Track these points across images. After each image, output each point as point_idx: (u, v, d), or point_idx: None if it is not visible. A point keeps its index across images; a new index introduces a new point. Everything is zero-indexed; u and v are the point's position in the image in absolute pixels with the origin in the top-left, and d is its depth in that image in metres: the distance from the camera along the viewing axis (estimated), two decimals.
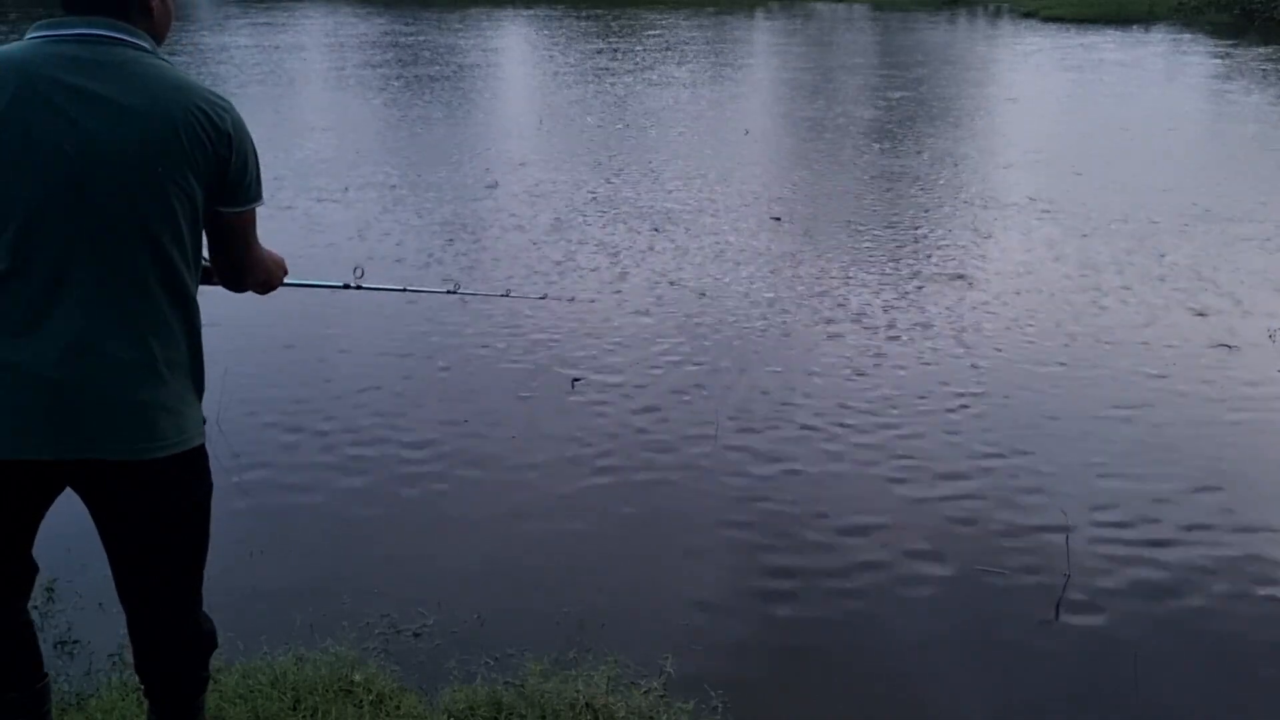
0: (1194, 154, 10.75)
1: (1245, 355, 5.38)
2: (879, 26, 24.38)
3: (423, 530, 3.80)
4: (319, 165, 9.58)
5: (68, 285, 1.80)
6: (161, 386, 1.88)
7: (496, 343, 5.45)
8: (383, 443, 4.39)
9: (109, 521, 1.97)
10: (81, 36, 1.82)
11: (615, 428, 4.55)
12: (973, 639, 3.26)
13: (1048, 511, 3.88)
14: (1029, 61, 18.08)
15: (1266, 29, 21.56)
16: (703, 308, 5.96)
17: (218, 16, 24.04)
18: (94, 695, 2.75)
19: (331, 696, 2.71)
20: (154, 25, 1.92)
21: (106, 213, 1.80)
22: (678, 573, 3.56)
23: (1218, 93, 14.73)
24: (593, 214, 7.97)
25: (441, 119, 12.32)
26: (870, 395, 4.88)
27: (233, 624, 2.95)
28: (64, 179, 1.78)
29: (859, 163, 10.03)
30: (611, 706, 2.75)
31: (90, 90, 1.78)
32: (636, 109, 12.82)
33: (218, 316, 2.14)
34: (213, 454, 2.06)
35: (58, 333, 1.79)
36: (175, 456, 1.91)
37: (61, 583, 3.29)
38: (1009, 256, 7.02)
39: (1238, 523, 3.85)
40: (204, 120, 1.84)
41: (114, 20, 1.84)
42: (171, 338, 1.90)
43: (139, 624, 2.08)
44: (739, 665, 3.09)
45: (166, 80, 1.85)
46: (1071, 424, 4.62)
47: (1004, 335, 5.60)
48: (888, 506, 3.95)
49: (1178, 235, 7.48)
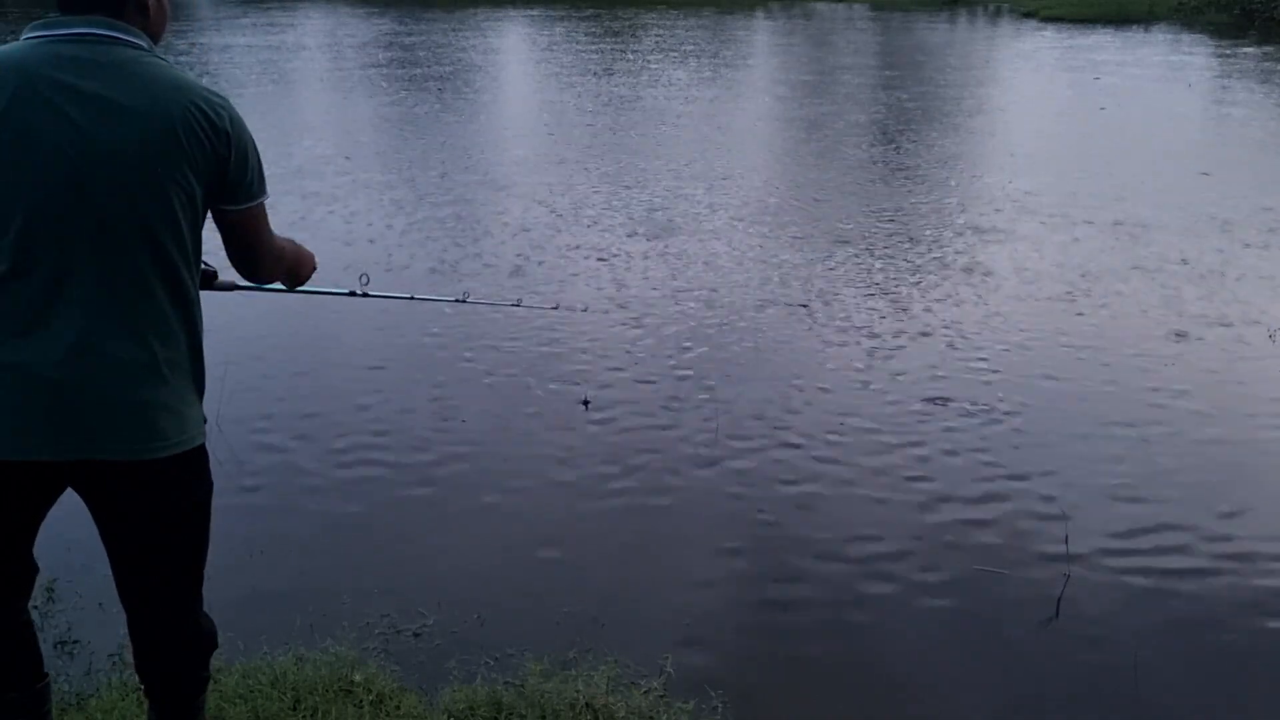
0: (1195, 155, 10.74)
1: (1245, 356, 5.39)
2: (879, 27, 24.39)
3: (423, 531, 3.80)
4: (318, 166, 9.57)
5: (68, 286, 1.80)
6: (163, 386, 1.88)
7: (499, 345, 5.45)
8: (383, 443, 4.39)
9: (110, 522, 1.97)
10: (79, 36, 1.82)
11: (617, 431, 4.55)
12: (973, 639, 3.26)
13: (1048, 512, 3.88)
14: (1029, 62, 18.09)
15: (1266, 29, 21.57)
16: (710, 313, 5.97)
17: (217, 16, 24.05)
18: (94, 695, 2.75)
19: (331, 696, 2.71)
20: (150, 24, 1.92)
21: (107, 213, 1.80)
22: (678, 573, 3.55)
23: (1218, 93, 14.73)
24: (597, 219, 7.97)
25: (442, 119, 12.31)
26: (870, 397, 4.88)
27: (233, 624, 2.95)
28: (64, 179, 1.78)
29: (859, 164, 10.04)
30: (611, 706, 2.75)
31: (89, 90, 1.78)
32: (637, 109, 12.82)
33: (219, 318, 2.14)
34: (213, 454, 2.06)
35: (59, 333, 1.79)
36: (176, 456, 1.91)
37: (61, 583, 3.29)
38: (1010, 259, 7.01)
39: (1238, 523, 3.85)
40: (202, 119, 1.84)
41: (110, 19, 1.84)
42: (172, 337, 1.89)
43: (139, 624, 2.08)
44: (739, 665, 3.09)
45: (165, 79, 1.84)
46: (1072, 425, 4.61)
47: (1004, 338, 5.60)
48: (888, 508, 3.95)
49: (1178, 236, 7.48)
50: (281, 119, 12.13)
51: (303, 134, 11.12)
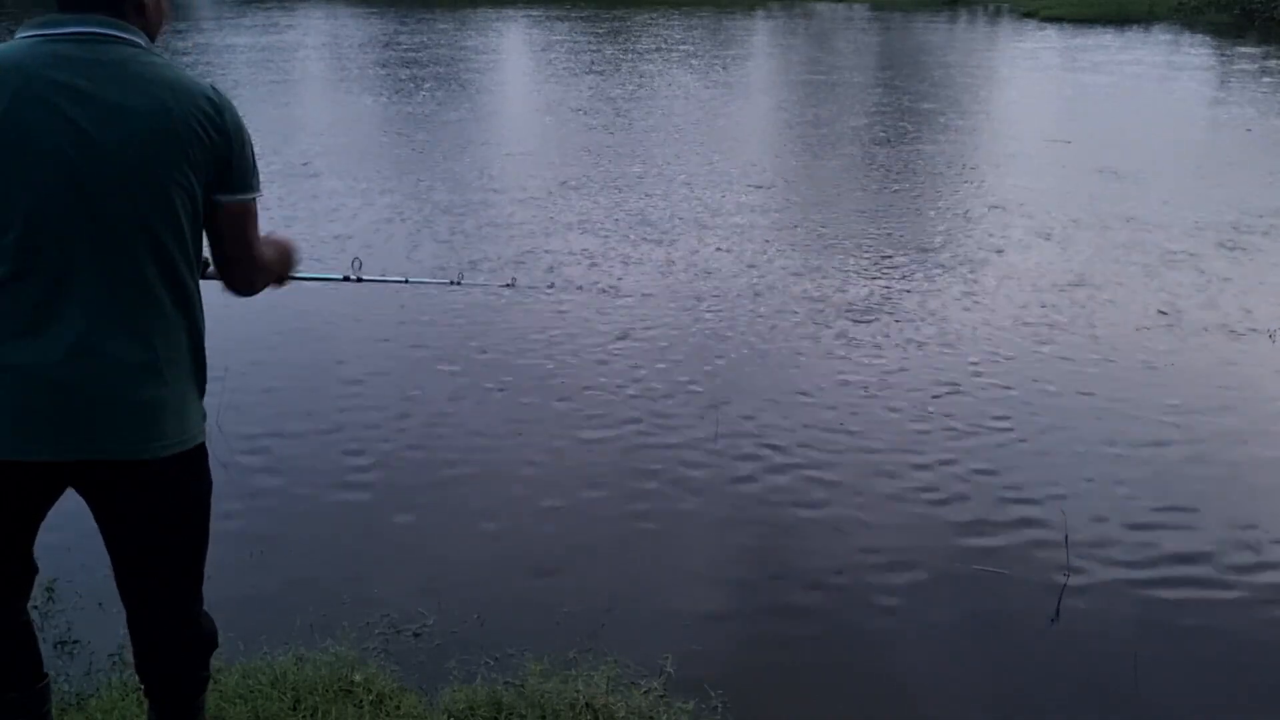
0: (1195, 155, 10.75)
1: (1246, 357, 5.39)
2: (879, 27, 24.38)
3: (423, 530, 3.80)
4: (317, 167, 9.57)
5: (70, 286, 1.80)
6: (164, 386, 1.88)
7: (498, 341, 5.45)
8: (383, 442, 4.39)
9: (110, 521, 1.97)
10: (77, 35, 1.81)
11: (617, 429, 4.55)
12: (973, 639, 3.26)
13: (1048, 513, 3.88)
14: (1028, 62, 18.08)
15: (1266, 29, 21.57)
16: (710, 314, 5.97)
17: (217, 15, 24.04)
18: (94, 695, 2.75)
19: (331, 696, 2.71)
20: (148, 23, 1.91)
21: (107, 213, 1.80)
22: (678, 573, 3.55)
23: (1218, 93, 14.73)
24: (599, 219, 7.97)
25: (441, 117, 12.30)
26: (870, 401, 4.88)
27: (233, 624, 2.95)
28: (64, 180, 1.77)
29: (860, 165, 10.03)
30: (611, 706, 2.75)
31: (88, 90, 1.78)
32: (637, 110, 12.81)
33: (218, 314, 2.12)
34: (213, 453, 2.06)
35: (60, 334, 1.79)
36: (177, 455, 1.91)
37: (61, 583, 3.29)
38: (1010, 261, 7.01)
39: (1238, 524, 3.85)
40: (202, 117, 1.84)
41: (108, 18, 1.83)
42: (174, 336, 1.89)
43: (139, 624, 2.08)
44: (739, 665, 3.09)
45: (164, 78, 1.84)
46: (1073, 426, 4.61)
47: (1004, 340, 5.60)
48: (888, 508, 3.95)
49: (1179, 237, 7.48)
50: (281, 119, 12.12)
51: (302, 134, 11.12)
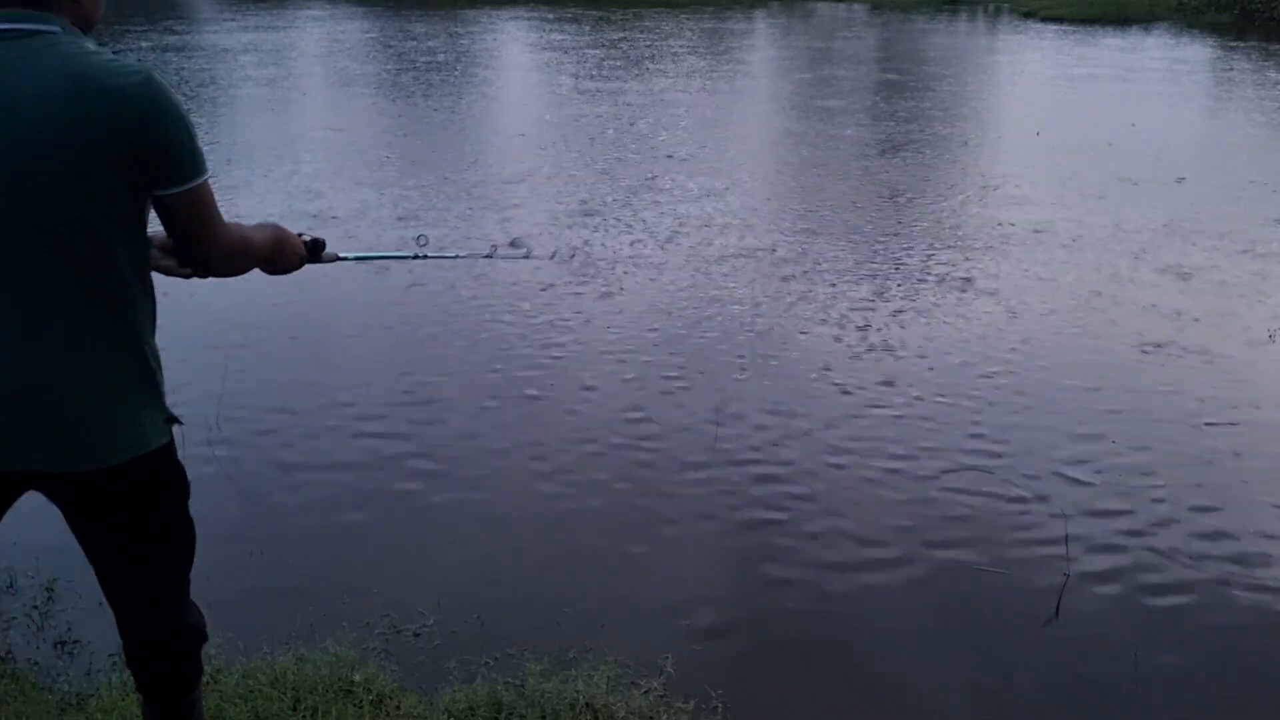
0: (1195, 155, 10.74)
1: (1245, 357, 5.39)
2: (879, 27, 24.37)
3: (423, 530, 3.79)
4: (316, 166, 9.57)
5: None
6: (104, 393, 1.79)
7: (499, 342, 5.45)
8: (383, 442, 4.38)
9: (78, 528, 1.93)
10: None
11: (617, 428, 4.55)
12: (973, 639, 3.26)
13: (1048, 512, 3.88)
14: (1028, 63, 18.08)
15: (1266, 29, 21.56)
16: (711, 315, 5.97)
17: (217, 15, 24.04)
18: (94, 695, 2.75)
19: (331, 696, 2.71)
20: (81, 11, 1.79)
21: (12, 221, 1.68)
22: (678, 573, 3.55)
23: (1218, 93, 14.73)
24: (598, 219, 7.97)
25: (439, 117, 12.31)
26: (870, 401, 4.88)
27: (233, 624, 2.96)
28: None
29: (862, 174, 10.03)
30: (611, 706, 2.75)
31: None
32: (636, 109, 12.81)
33: (217, 313, 2.12)
34: (212, 453, 2.06)
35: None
36: (133, 462, 1.83)
37: (61, 583, 3.28)
38: (1010, 262, 7.01)
39: (1238, 524, 3.85)
40: (110, 103, 1.68)
41: (26, 10, 1.69)
42: (111, 341, 1.79)
43: (124, 625, 2.06)
44: (739, 665, 3.09)
45: (68, 68, 1.67)
46: (1073, 426, 4.61)
47: (1004, 341, 5.59)
48: (888, 508, 3.95)
49: (1179, 237, 7.47)
50: (281, 119, 12.12)
51: (302, 134, 11.12)
